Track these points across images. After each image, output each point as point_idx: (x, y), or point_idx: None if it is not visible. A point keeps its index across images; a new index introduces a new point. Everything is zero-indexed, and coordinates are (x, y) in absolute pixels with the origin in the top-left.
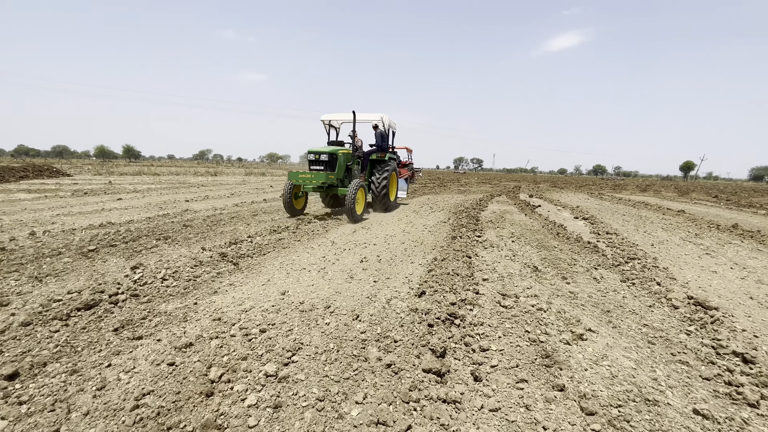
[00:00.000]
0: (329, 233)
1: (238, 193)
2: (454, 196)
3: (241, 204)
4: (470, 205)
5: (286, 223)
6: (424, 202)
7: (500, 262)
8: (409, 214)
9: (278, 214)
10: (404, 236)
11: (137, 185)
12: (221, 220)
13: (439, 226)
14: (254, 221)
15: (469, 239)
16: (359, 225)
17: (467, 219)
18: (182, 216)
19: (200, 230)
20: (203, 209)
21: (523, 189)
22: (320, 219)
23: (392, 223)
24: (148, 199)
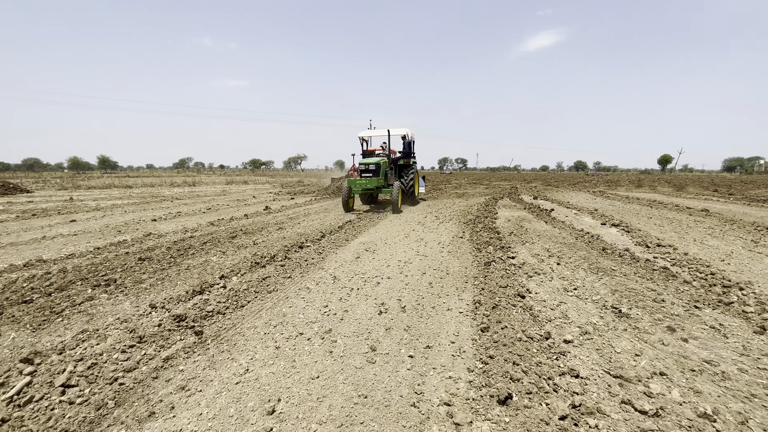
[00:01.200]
0: (326, 261)
1: (216, 207)
2: (455, 202)
3: (218, 222)
4: (478, 212)
5: (271, 247)
6: (425, 209)
7: (565, 302)
8: (416, 227)
9: (262, 235)
10: (421, 261)
11: (102, 201)
12: (191, 248)
13: (456, 243)
14: (232, 247)
15: (503, 263)
16: (363, 248)
17: (485, 232)
18: (142, 243)
19: (159, 267)
20: (171, 231)
21: (521, 189)
22: (315, 241)
23: (400, 241)
24: (107, 220)
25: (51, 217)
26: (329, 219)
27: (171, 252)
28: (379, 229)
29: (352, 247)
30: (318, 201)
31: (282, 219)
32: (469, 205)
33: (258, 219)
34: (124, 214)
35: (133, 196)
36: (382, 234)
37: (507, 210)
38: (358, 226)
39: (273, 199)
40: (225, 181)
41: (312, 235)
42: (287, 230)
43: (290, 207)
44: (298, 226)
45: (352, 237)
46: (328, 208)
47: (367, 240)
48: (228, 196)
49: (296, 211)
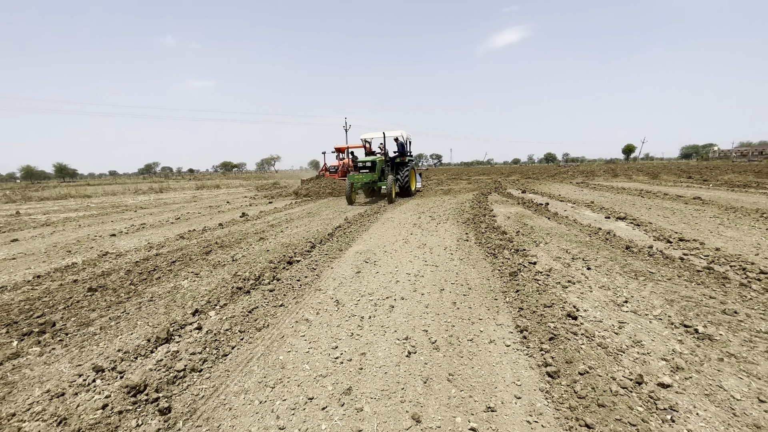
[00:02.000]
0: (323, 279)
1: (186, 216)
2: (444, 199)
3: (189, 234)
4: (472, 210)
5: (254, 264)
6: (416, 209)
7: (625, 321)
8: (413, 229)
9: (241, 248)
10: (433, 273)
11: (54, 214)
12: (156, 270)
13: (464, 247)
14: (207, 266)
15: (527, 271)
16: (361, 259)
17: (490, 232)
18: (96, 267)
19: (115, 299)
20: (133, 248)
21: (504, 183)
22: (305, 254)
23: (401, 248)
24: (57, 238)
25: None
26: (315, 225)
27: (131, 276)
28: (373, 234)
29: (349, 258)
30: (299, 204)
31: (262, 227)
32: (460, 203)
33: (235, 228)
34: (78, 229)
35: (92, 207)
36: (378, 240)
37: (501, 206)
38: (349, 232)
39: (249, 204)
40: (195, 186)
41: (300, 245)
42: (270, 241)
43: (269, 212)
44: (282, 235)
45: (346, 246)
46: (312, 212)
47: (363, 249)
48: (199, 203)
49: (277, 216)
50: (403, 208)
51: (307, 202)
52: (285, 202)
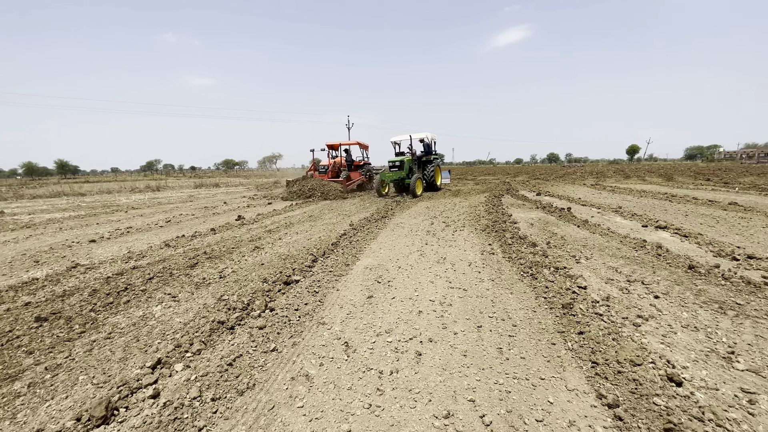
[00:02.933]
0: (327, 307)
1: (177, 219)
2: (454, 201)
3: (176, 241)
4: (488, 214)
5: (245, 284)
6: (426, 213)
7: (750, 390)
8: (427, 238)
9: (232, 261)
10: (463, 300)
11: (40, 215)
12: (128, 289)
13: (491, 262)
14: (188, 286)
15: (582, 300)
16: (372, 277)
17: (517, 244)
18: (59, 284)
19: (64, 335)
20: (109, 259)
21: (514, 184)
22: (305, 270)
23: (417, 262)
24: (30, 243)
25: None
26: (317, 231)
27: (95, 299)
28: (382, 243)
29: (357, 275)
30: (300, 206)
31: (259, 233)
32: (472, 206)
33: (228, 234)
34: (58, 232)
35: (81, 207)
36: (389, 251)
37: (520, 210)
38: (356, 241)
39: (247, 206)
40: (194, 185)
41: (299, 258)
42: (266, 251)
43: (268, 215)
44: (280, 243)
45: (353, 258)
46: (314, 215)
47: (373, 263)
48: (195, 203)
49: (275, 220)
50: (413, 212)
51: (308, 204)
52: (286, 204)
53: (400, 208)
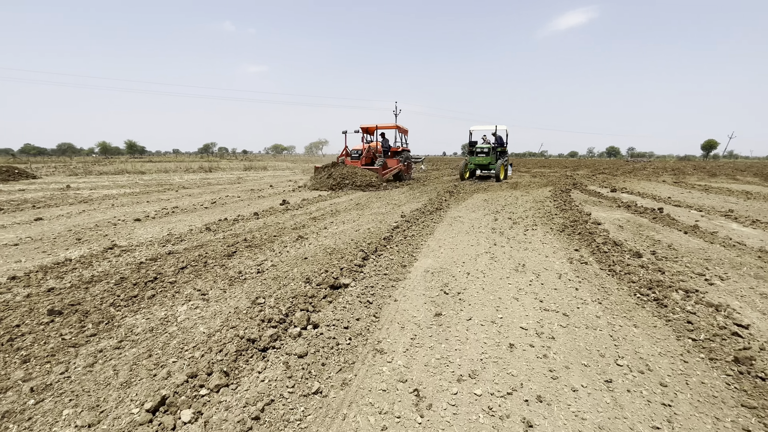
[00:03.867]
0: (383, 326)
1: (222, 200)
2: (514, 194)
3: (218, 225)
4: (559, 211)
5: (284, 283)
6: (483, 206)
7: None
8: (493, 236)
9: (273, 252)
10: (569, 334)
11: (99, 190)
12: (156, 280)
13: (585, 274)
14: (221, 281)
15: (761, 351)
16: (437, 286)
17: (612, 250)
18: (90, 267)
19: (70, 338)
20: (147, 241)
21: (578, 178)
22: (355, 270)
23: (488, 267)
24: (81, 219)
25: (21, 212)
26: (366, 221)
27: (120, 290)
28: (441, 240)
29: (417, 281)
30: (346, 193)
31: (303, 220)
32: (537, 200)
33: (271, 220)
34: (109, 209)
35: (139, 184)
36: (451, 250)
37: (598, 209)
38: (410, 236)
39: (292, 190)
40: (243, 167)
41: (348, 253)
42: (310, 241)
43: (313, 200)
44: (325, 233)
45: (410, 258)
46: (361, 203)
47: (435, 265)
48: (242, 185)
49: (321, 207)
50: (470, 205)
51: (354, 191)
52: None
53: (455, 200)
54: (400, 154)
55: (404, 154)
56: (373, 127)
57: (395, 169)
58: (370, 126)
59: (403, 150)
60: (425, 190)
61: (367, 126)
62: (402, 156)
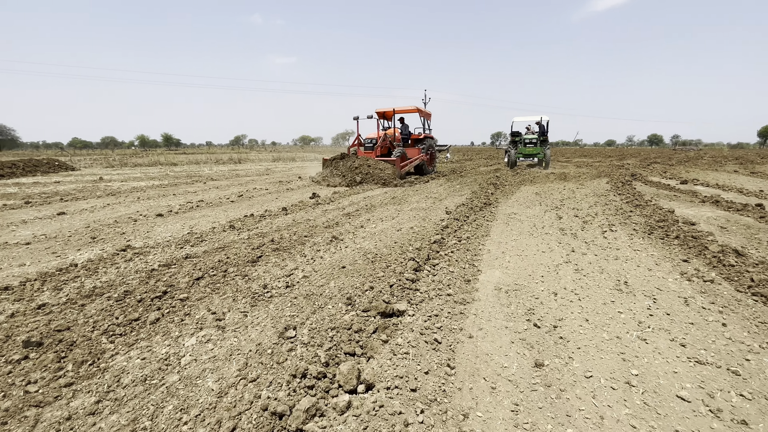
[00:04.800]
0: (463, 384)
1: (250, 193)
2: (564, 186)
3: (243, 222)
4: (633, 207)
5: (321, 302)
6: (536, 200)
7: None
8: (563, 237)
9: (305, 257)
10: (755, 407)
11: (129, 183)
12: (165, 296)
13: (719, 298)
14: (243, 299)
15: None
16: (521, 312)
17: (740, 264)
18: (95, 275)
19: (38, 391)
20: (165, 241)
21: (630, 168)
22: (408, 288)
23: (586, 290)
24: (103, 213)
25: (49, 204)
26: (407, 219)
27: (118, 312)
28: (502, 243)
29: (491, 306)
30: (380, 186)
31: (335, 216)
32: (598, 194)
33: (301, 216)
34: (135, 202)
35: (169, 176)
36: (519, 258)
37: (681, 205)
38: (464, 238)
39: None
40: (272, 159)
41: (393, 260)
42: (346, 243)
43: (345, 194)
44: (363, 233)
45: (471, 267)
46: (398, 196)
47: (506, 280)
48: (270, 176)
49: (353, 201)
50: (521, 199)
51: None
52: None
53: (503, 194)
54: (422, 142)
55: (427, 142)
56: (390, 112)
57: (416, 160)
58: (386, 110)
59: (426, 137)
60: (465, 181)
61: (384, 110)
62: (424, 144)
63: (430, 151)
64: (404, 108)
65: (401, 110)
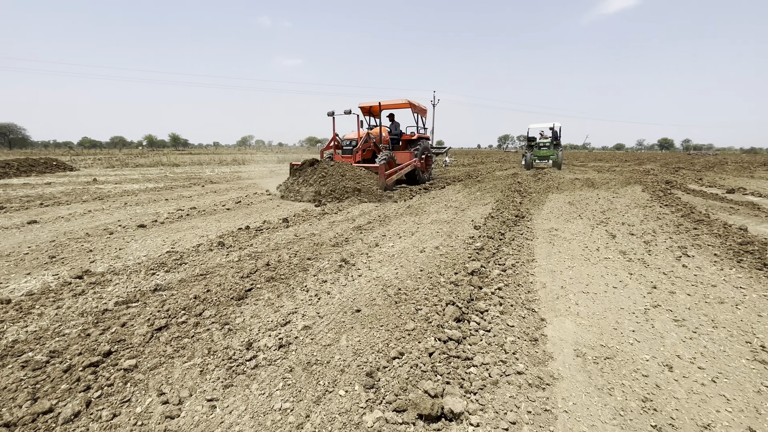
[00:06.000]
0: None
1: (249, 199)
2: (600, 194)
3: (236, 236)
4: (693, 224)
5: (327, 394)
6: (572, 211)
7: None
8: (631, 265)
9: (304, 287)
10: None
11: (124, 184)
12: (112, 355)
13: None
14: (215, 368)
15: None
16: (636, 409)
17: None
18: (20, 322)
19: None
20: (134, 264)
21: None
22: (450, 359)
23: (713, 362)
24: (76, 224)
25: (25, 210)
26: (428, 233)
27: (29, 387)
28: (556, 271)
29: (581, 390)
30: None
31: (344, 230)
32: (638, 204)
33: (304, 229)
34: (121, 208)
35: (168, 177)
36: (587, 297)
37: (749, 220)
38: (508, 264)
39: None
40: (277, 160)
41: (422, 299)
42: (359, 270)
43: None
44: (378, 254)
45: (531, 314)
46: (413, 206)
47: (585, 337)
48: (274, 179)
49: (364, 210)
50: (554, 209)
51: (401, 186)
52: None
53: (532, 203)
54: (415, 144)
55: (421, 144)
56: (376, 107)
57: (407, 167)
58: (372, 105)
59: (420, 138)
60: (484, 188)
61: (368, 105)
62: (418, 146)
63: (425, 154)
64: (393, 102)
65: (389, 105)
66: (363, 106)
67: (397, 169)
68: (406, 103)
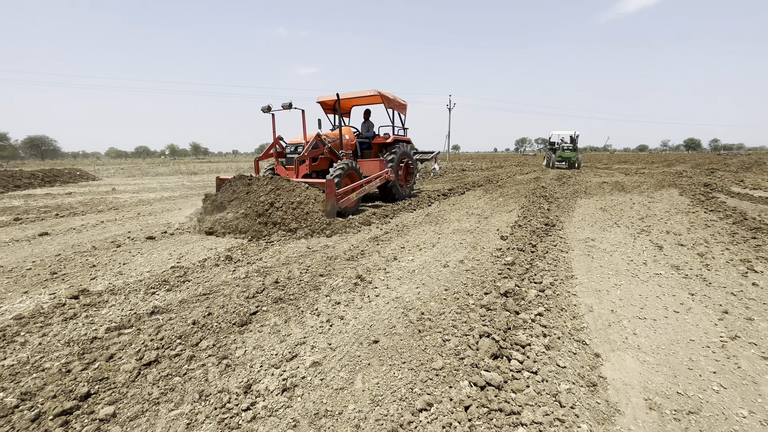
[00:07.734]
0: None
1: None
2: (634, 199)
3: (245, 248)
4: (750, 232)
5: None
6: (607, 218)
7: None
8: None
9: (315, 311)
10: None
11: (141, 193)
12: (89, 399)
13: None
14: (207, 409)
15: None
16: None
17: None
18: (10, 345)
19: None
20: (138, 280)
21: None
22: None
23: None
24: (86, 236)
25: (40, 221)
26: (450, 244)
27: None
28: (600, 290)
29: None
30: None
31: (360, 241)
32: (678, 210)
33: (316, 241)
34: (133, 219)
35: (185, 186)
36: (647, 326)
37: None
38: (545, 283)
39: None
40: None
41: (452, 327)
42: (377, 288)
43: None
44: (397, 269)
45: (583, 349)
46: (431, 213)
47: (655, 380)
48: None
49: (387, 229)
50: (586, 216)
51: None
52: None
53: (560, 209)
54: (390, 148)
55: (399, 149)
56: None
57: (373, 182)
58: (332, 99)
59: (398, 141)
60: (506, 193)
61: (329, 98)
62: (395, 152)
63: (404, 161)
64: (356, 95)
65: (351, 98)
66: (323, 101)
67: (357, 185)
68: (374, 93)
